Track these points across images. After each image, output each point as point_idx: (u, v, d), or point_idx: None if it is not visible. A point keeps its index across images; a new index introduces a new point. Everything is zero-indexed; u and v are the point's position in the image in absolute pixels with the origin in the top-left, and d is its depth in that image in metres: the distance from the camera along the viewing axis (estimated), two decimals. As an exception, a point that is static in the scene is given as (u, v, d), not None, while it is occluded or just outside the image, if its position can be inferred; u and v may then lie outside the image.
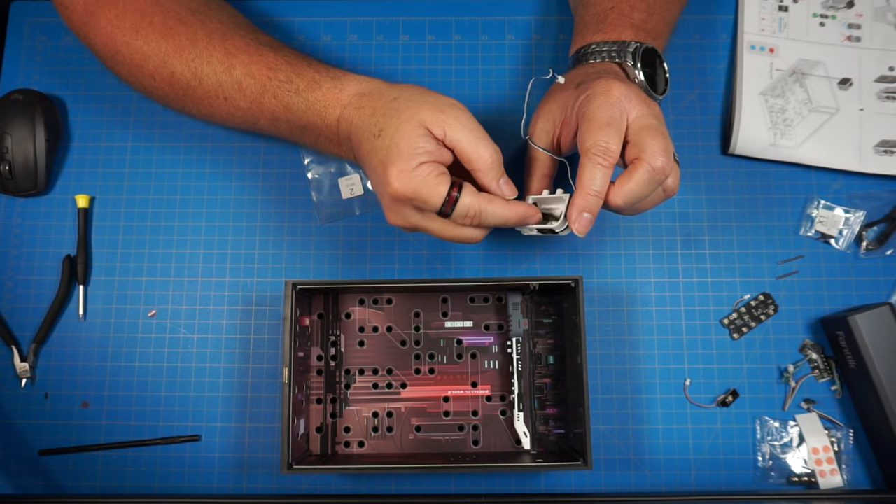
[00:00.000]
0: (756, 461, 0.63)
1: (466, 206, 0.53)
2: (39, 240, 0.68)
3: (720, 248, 0.67)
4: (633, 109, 0.52)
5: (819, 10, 0.71)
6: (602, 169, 0.50)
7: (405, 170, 0.51)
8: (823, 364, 0.65)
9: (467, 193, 0.53)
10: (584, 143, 0.51)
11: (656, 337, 0.66)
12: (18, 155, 0.67)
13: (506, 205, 0.54)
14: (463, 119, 0.53)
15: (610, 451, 0.64)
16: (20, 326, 0.67)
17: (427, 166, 0.52)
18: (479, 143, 0.53)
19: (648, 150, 0.51)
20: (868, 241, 0.67)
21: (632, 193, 0.51)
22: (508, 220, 0.54)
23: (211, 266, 0.67)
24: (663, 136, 0.52)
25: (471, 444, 0.63)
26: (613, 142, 0.51)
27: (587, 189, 0.51)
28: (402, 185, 0.51)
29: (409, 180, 0.51)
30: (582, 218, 0.51)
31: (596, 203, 0.51)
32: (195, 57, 0.60)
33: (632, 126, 0.52)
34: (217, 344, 0.66)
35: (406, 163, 0.51)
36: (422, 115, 0.52)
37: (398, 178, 0.51)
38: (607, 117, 0.51)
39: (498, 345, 0.64)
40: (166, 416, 0.65)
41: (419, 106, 0.53)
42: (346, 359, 0.64)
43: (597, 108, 0.52)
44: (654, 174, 0.51)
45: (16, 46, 0.73)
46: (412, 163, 0.51)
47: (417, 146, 0.52)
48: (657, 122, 0.53)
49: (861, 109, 0.69)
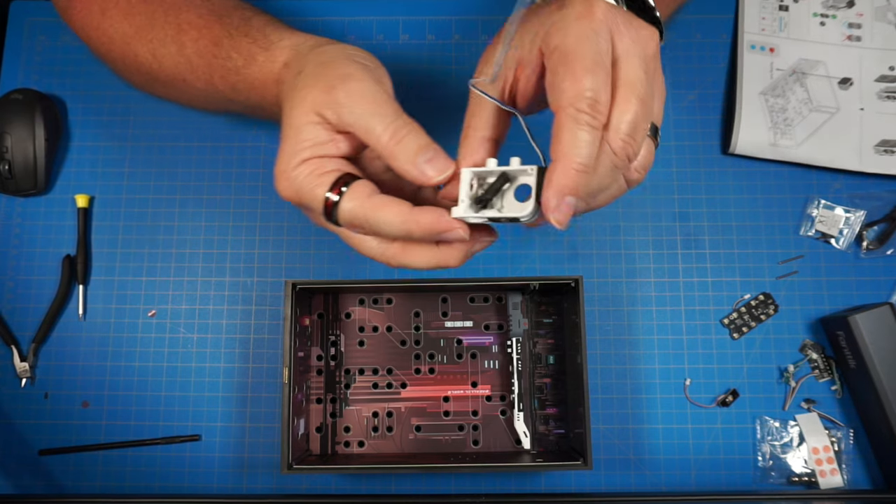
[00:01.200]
0: (756, 461, 0.63)
1: (348, 213, 0.41)
2: (39, 240, 0.68)
3: (720, 248, 0.67)
4: (619, 40, 0.39)
5: (819, 10, 0.71)
6: (590, 131, 0.37)
7: (285, 170, 0.43)
8: (824, 364, 0.65)
9: (350, 197, 0.41)
10: (560, 93, 0.37)
11: (656, 337, 0.66)
12: (18, 155, 0.67)
13: (401, 213, 0.40)
14: (355, 92, 0.42)
15: (610, 450, 0.64)
16: (20, 326, 0.67)
17: (309, 164, 0.42)
18: (372, 118, 0.41)
19: (611, 121, 0.38)
20: (868, 241, 0.67)
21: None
22: (410, 233, 0.41)
23: (211, 266, 0.67)
24: (637, 93, 0.38)
25: (471, 444, 0.63)
26: (603, 90, 0.37)
27: (570, 161, 0.37)
28: (283, 188, 0.43)
29: (289, 182, 0.43)
30: (564, 204, 0.37)
31: (583, 182, 0.37)
32: (153, 37, 0.55)
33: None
34: (217, 344, 0.66)
35: (287, 161, 0.43)
36: (313, 96, 0.42)
37: (278, 180, 0.43)
38: (593, 53, 0.37)
39: (498, 345, 0.64)
40: (166, 416, 0.65)
41: (313, 85, 0.43)
42: (346, 359, 0.64)
43: (577, 39, 0.38)
44: (608, 155, 0.38)
45: (16, 46, 0.73)
46: (293, 161, 0.43)
47: (302, 138, 0.43)
48: (641, 64, 0.39)
49: (861, 109, 0.69)
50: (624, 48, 0.39)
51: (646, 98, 0.39)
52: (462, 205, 0.41)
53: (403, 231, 0.40)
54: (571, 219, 0.38)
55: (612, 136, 0.38)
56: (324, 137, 0.43)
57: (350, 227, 0.43)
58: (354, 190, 0.42)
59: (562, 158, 0.37)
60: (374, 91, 0.42)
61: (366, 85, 0.42)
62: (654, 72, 0.41)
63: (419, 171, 0.41)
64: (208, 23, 0.53)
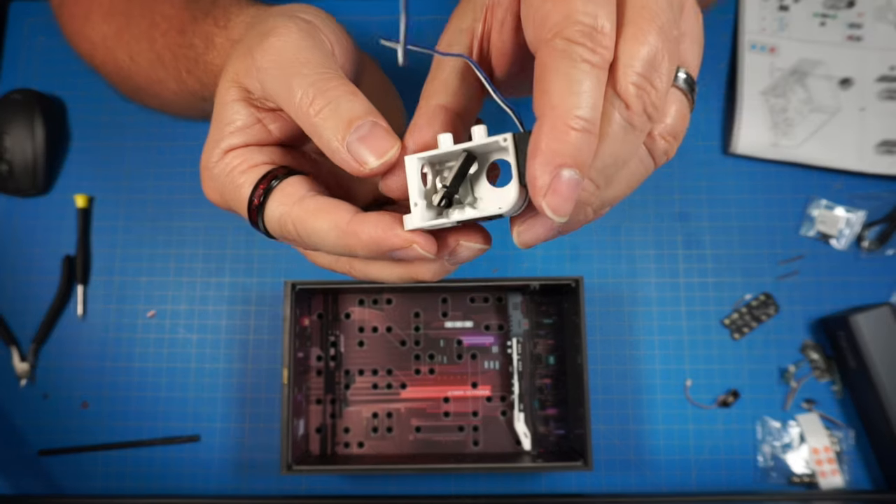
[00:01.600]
0: (757, 461, 0.63)
1: (275, 223, 0.32)
2: (39, 240, 0.68)
3: (721, 248, 0.67)
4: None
5: (820, 10, 0.71)
6: (590, 70, 0.25)
7: (206, 165, 0.34)
8: (824, 364, 0.65)
9: (277, 200, 0.31)
10: (541, 20, 0.26)
11: (657, 337, 0.65)
12: (18, 155, 0.67)
13: (337, 224, 0.30)
14: (274, 50, 0.32)
15: (610, 451, 0.63)
16: (20, 326, 0.67)
17: (234, 155, 0.33)
18: (291, 80, 0.31)
19: (620, 57, 0.26)
20: (869, 241, 0.67)
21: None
22: (351, 251, 0.30)
23: (211, 266, 0.67)
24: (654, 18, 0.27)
25: (471, 445, 0.63)
26: (604, 11, 0.26)
27: (564, 115, 0.25)
28: (207, 189, 0.35)
29: (212, 181, 0.34)
30: (561, 181, 0.25)
31: (585, 145, 0.25)
32: (130, 37, 0.50)
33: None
34: (216, 344, 0.66)
35: (209, 153, 0.34)
36: (234, 66, 0.33)
37: (202, 178, 0.35)
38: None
39: (498, 345, 0.64)
40: (166, 417, 0.64)
41: (236, 52, 0.34)
42: (346, 359, 0.64)
43: None
44: (619, 109, 0.26)
45: (15, 46, 0.73)
46: (215, 152, 0.33)
47: (225, 121, 0.33)
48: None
49: (862, 109, 0.69)
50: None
51: (667, 26, 0.27)
52: (416, 209, 0.29)
53: (342, 248, 0.30)
54: (580, 215, 0.28)
55: (620, 78, 0.26)
56: (249, 118, 0.33)
57: (283, 240, 0.33)
58: (283, 190, 0.31)
59: (550, 113, 0.25)
60: (298, 47, 0.32)
61: (289, 40, 0.32)
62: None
63: (348, 153, 0.29)
64: (178, 11, 0.47)
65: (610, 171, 0.27)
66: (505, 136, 0.28)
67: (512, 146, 0.28)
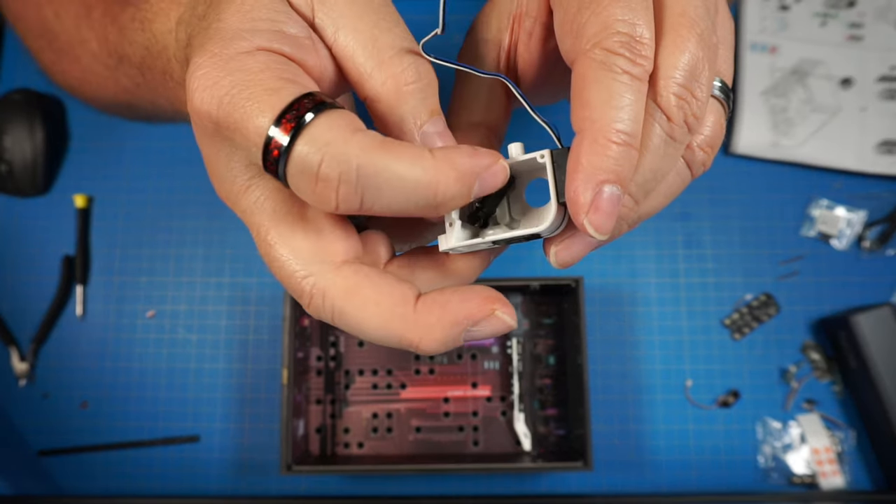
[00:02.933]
0: (757, 462, 0.63)
1: (320, 148, 0.23)
2: (38, 240, 0.68)
3: (721, 248, 0.67)
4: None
5: (820, 10, 0.71)
6: (630, 81, 0.24)
7: (219, 53, 0.25)
8: (825, 364, 0.65)
9: (328, 120, 0.23)
10: (579, 30, 0.25)
11: (657, 337, 0.65)
12: (17, 155, 0.67)
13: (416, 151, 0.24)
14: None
15: (610, 452, 0.63)
16: (19, 326, 0.66)
17: (267, 56, 0.25)
18: (365, 33, 0.27)
19: (660, 67, 0.25)
20: (869, 241, 0.67)
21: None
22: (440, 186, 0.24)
23: (210, 266, 0.67)
24: (694, 26, 0.26)
25: (471, 445, 0.63)
26: (643, 20, 0.25)
27: (604, 129, 0.24)
28: (204, 84, 0.25)
29: (217, 76, 0.24)
30: (602, 197, 0.24)
31: (626, 160, 0.24)
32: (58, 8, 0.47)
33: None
34: (216, 344, 0.66)
35: (227, 42, 0.25)
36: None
37: (200, 71, 0.25)
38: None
39: (498, 345, 0.64)
40: (165, 417, 0.64)
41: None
42: (346, 359, 0.64)
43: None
44: (660, 121, 0.26)
45: (15, 46, 0.72)
46: (239, 43, 0.25)
47: (257, 14, 0.26)
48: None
49: (863, 109, 0.69)
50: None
51: (706, 33, 0.26)
52: (452, 229, 0.28)
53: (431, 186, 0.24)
54: (616, 230, 0.26)
55: (661, 89, 0.25)
56: (297, 27, 0.26)
57: (309, 183, 0.24)
58: (340, 115, 0.24)
59: (590, 127, 0.24)
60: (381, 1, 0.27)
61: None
62: (716, 1, 0.28)
63: (417, 136, 0.27)
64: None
65: (649, 185, 0.27)
66: (542, 153, 0.27)
67: (550, 163, 0.27)
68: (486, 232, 0.29)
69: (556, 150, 0.27)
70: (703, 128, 0.29)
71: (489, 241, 0.28)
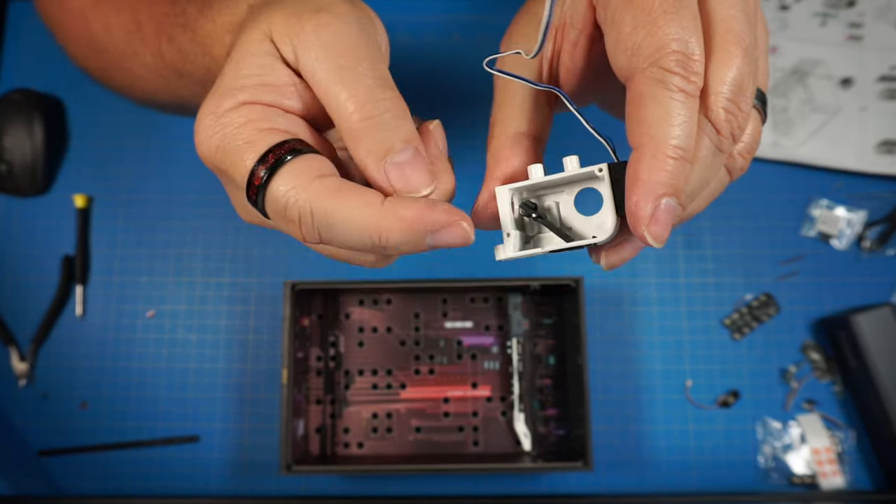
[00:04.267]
0: (757, 462, 0.63)
1: (283, 194, 0.28)
2: (38, 240, 0.68)
3: (721, 248, 0.67)
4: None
5: (820, 10, 0.71)
6: (685, 99, 0.26)
7: (213, 111, 0.30)
8: (825, 364, 0.65)
9: (293, 167, 0.28)
10: (634, 49, 0.27)
11: (657, 337, 0.65)
12: (17, 155, 0.67)
13: (365, 200, 0.27)
14: (329, 30, 0.29)
15: (610, 452, 0.63)
16: (19, 326, 0.66)
17: (249, 110, 0.29)
18: (340, 74, 0.29)
19: (710, 83, 0.27)
20: (869, 241, 0.67)
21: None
22: (382, 233, 0.27)
23: (210, 266, 0.67)
24: (739, 40, 0.27)
25: (471, 446, 0.63)
26: (694, 36, 0.26)
27: (663, 145, 0.26)
28: (203, 139, 0.31)
29: (212, 130, 0.30)
30: (661, 210, 0.26)
31: (682, 174, 0.26)
32: (109, 7, 0.47)
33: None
34: (216, 344, 0.66)
35: (219, 100, 0.30)
36: (270, 20, 0.30)
37: (199, 126, 0.31)
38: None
39: (498, 345, 0.64)
40: (165, 417, 0.64)
41: (276, 9, 0.31)
42: (346, 359, 0.64)
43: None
44: (709, 134, 0.27)
45: (15, 46, 0.72)
46: (227, 101, 0.30)
47: (245, 72, 0.30)
48: (741, 3, 0.28)
49: (863, 109, 0.69)
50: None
51: (750, 47, 0.27)
52: (509, 239, 0.30)
53: (369, 233, 0.27)
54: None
55: (712, 104, 0.27)
56: (279, 76, 0.30)
57: (281, 221, 0.29)
58: (301, 164, 0.28)
59: (649, 143, 0.26)
60: (357, 37, 0.29)
61: (348, 26, 0.29)
62: (755, 12, 0.29)
63: (384, 174, 0.28)
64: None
65: (697, 192, 0.28)
66: (600, 167, 0.28)
67: (607, 177, 0.28)
68: (542, 242, 0.30)
69: (614, 164, 0.28)
70: (744, 136, 0.31)
71: (546, 250, 0.30)
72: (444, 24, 0.73)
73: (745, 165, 0.32)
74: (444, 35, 0.72)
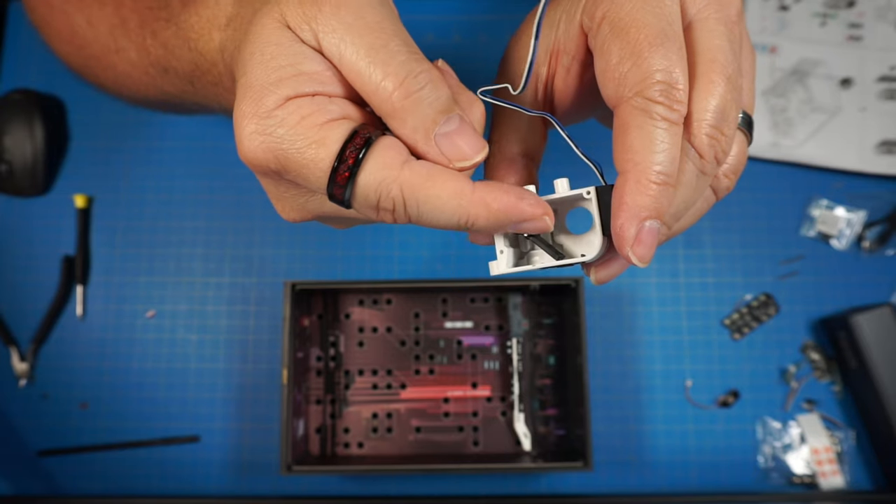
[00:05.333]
0: (757, 462, 0.63)
1: (376, 188, 0.28)
2: (38, 240, 0.68)
3: (721, 248, 0.67)
4: (692, 0, 0.30)
5: (820, 10, 0.71)
6: (669, 127, 0.27)
7: (256, 113, 0.28)
8: (824, 364, 0.65)
9: (376, 161, 0.28)
10: (620, 79, 0.28)
11: (657, 337, 0.65)
12: (17, 155, 0.67)
13: (456, 189, 0.28)
14: (350, 7, 0.28)
15: (610, 452, 0.63)
16: (19, 327, 0.66)
17: (300, 105, 0.28)
18: (371, 53, 0.28)
19: (693, 111, 0.28)
20: (869, 241, 0.67)
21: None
22: (470, 219, 0.28)
23: (210, 266, 0.67)
24: (723, 69, 0.29)
25: (471, 446, 0.63)
26: (678, 67, 0.28)
27: (646, 171, 0.27)
28: (252, 144, 0.28)
29: (264, 133, 0.28)
30: (645, 232, 0.27)
31: (666, 198, 0.27)
32: (92, 1, 0.47)
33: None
34: (216, 344, 0.66)
35: (258, 101, 0.28)
36: (283, 7, 0.29)
37: (244, 132, 0.28)
38: (657, 18, 0.28)
39: (498, 345, 0.64)
40: (165, 417, 0.64)
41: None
42: (346, 359, 0.64)
43: (636, 5, 0.28)
44: (693, 159, 0.29)
45: (15, 46, 0.72)
46: (268, 99, 0.28)
47: (276, 64, 0.28)
48: (723, 29, 0.29)
49: (862, 109, 0.69)
50: (698, 9, 0.29)
51: (734, 76, 0.29)
52: (502, 256, 0.31)
53: (460, 217, 0.28)
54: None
55: (694, 131, 0.28)
56: (312, 63, 0.28)
57: (370, 212, 0.29)
58: (383, 152, 0.28)
59: (633, 169, 0.27)
60: (377, 11, 0.29)
61: (366, 2, 0.28)
62: (740, 39, 0.31)
63: (436, 150, 0.28)
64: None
65: (681, 213, 0.30)
66: (588, 189, 0.30)
67: (595, 199, 0.29)
68: (534, 258, 0.31)
69: (601, 187, 0.29)
70: (728, 158, 0.32)
71: (538, 267, 0.31)
72: (444, 25, 0.73)
73: (731, 185, 0.33)
74: (444, 36, 0.72)
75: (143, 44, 0.45)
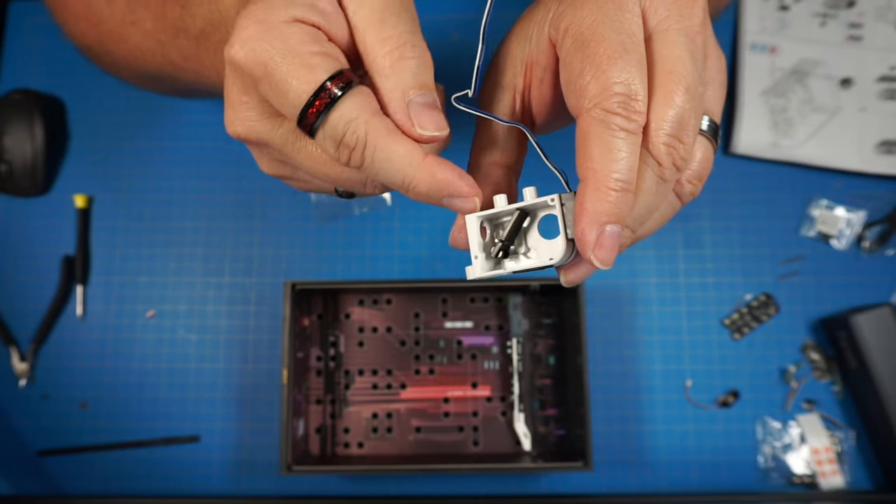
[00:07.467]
0: (757, 462, 0.63)
1: (346, 123, 0.30)
2: (38, 240, 0.68)
3: (721, 248, 0.67)
4: (651, 11, 0.31)
5: (820, 10, 0.71)
6: (626, 137, 0.28)
7: (262, 20, 0.30)
8: (824, 364, 0.65)
9: (354, 100, 0.30)
10: (581, 91, 0.29)
11: (657, 337, 0.65)
12: (17, 155, 0.67)
13: (411, 150, 0.30)
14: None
15: (610, 452, 0.63)
16: (19, 327, 0.66)
17: (299, 28, 0.30)
18: (375, 14, 0.31)
19: (651, 121, 0.30)
20: (869, 241, 0.67)
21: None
22: (413, 181, 0.30)
23: (210, 266, 0.67)
24: (682, 80, 0.30)
25: (471, 445, 0.63)
26: (637, 80, 0.29)
27: (605, 179, 0.28)
28: (252, 46, 0.30)
29: (263, 39, 0.29)
30: (606, 236, 0.29)
31: (624, 204, 0.29)
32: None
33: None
34: (216, 344, 0.66)
35: (269, 10, 0.30)
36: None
37: (243, 31, 0.30)
38: (618, 32, 0.29)
39: (498, 345, 0.64)
40: (165, 417, 0.64)
41: None
42: (346, 359, 0.64)
43: (595, 15, 0.30)
44: (651, 167, 0.30)
45: (15, 46, 0.72)
46: (278, 12, 0.30)
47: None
48: (683, 41, 0.31)
49: (862, 109, 0.69)
50: (658, 20, 0.30)
51: (693, 86, 0.30)
52: (477, 261, 0.33)
53: (405, 178, 0.30)
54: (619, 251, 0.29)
55: (653, 139, 0.29)
56: (325, 3, 0.31)
57: (334, 145, 0.30)
58: (361, 96, 0.30)
59: (593, 176, 0.28)
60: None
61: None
62: (704, 48, 0.32)
63: (405, 111, 0.30)
64: None
65: (644, 217, 0.31)
66: (552, 197, 0.31)
67: (559, 205, 0.31)
68: (506, 262, 0.33)
69: (565, 195, 0.31)
70: (691, 164, 0.34)
71: (509, 270, 0.33)
72: (444, 24, 0.73)
73: (696, 191, 0.35)
74: (443, 34, 0.72)
75: (163, 10, 0.46)
